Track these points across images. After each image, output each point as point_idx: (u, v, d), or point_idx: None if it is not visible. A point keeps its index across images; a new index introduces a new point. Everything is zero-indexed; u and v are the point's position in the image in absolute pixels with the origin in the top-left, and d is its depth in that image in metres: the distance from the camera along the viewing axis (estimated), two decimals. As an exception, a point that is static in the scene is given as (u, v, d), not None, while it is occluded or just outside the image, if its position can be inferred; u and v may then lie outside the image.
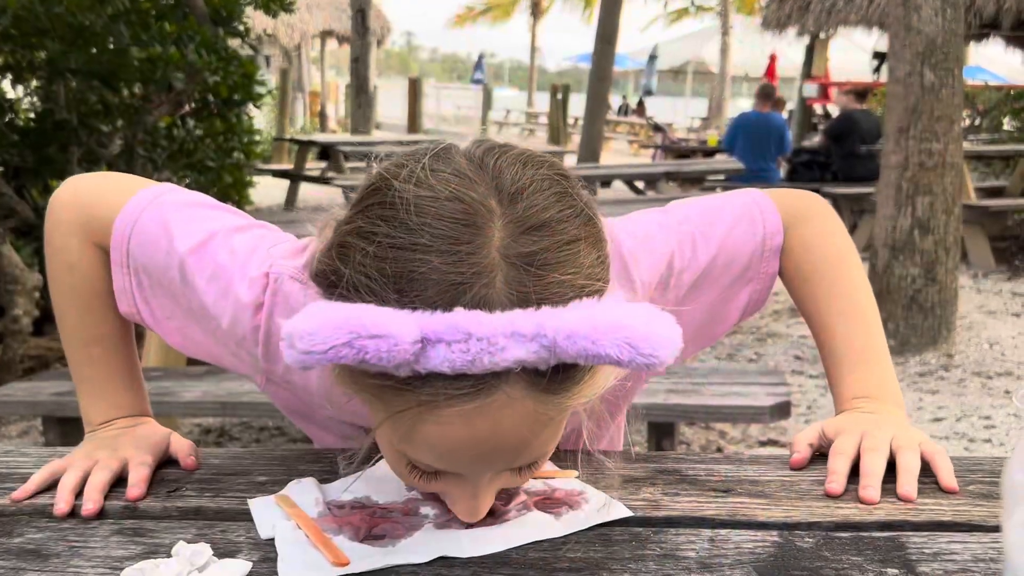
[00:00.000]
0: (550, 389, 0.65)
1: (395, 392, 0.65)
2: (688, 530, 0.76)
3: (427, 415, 0.65)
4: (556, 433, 0.72)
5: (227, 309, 0.89)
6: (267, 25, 10.48)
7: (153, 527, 0.81)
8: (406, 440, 0.69)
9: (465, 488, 0.73)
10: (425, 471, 0.72)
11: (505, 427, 0.66)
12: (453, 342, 0.61)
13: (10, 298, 4.36)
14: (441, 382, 0.63)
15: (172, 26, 5.32)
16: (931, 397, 4.00)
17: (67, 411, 2.68)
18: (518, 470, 0.75)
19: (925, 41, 4.43)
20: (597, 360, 0.62)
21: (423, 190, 0.66)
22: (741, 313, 1.02)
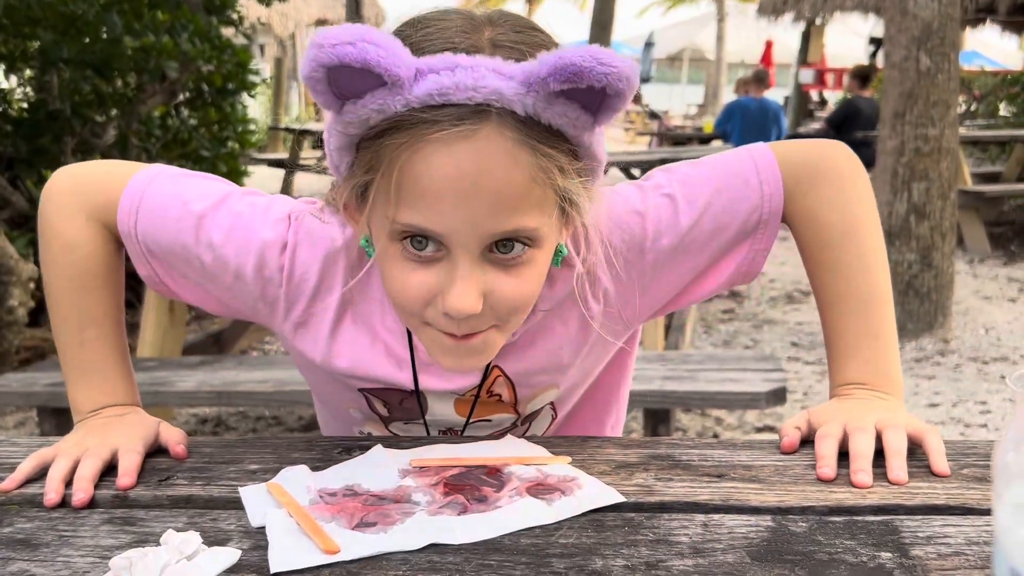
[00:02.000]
0: (528, 143, 0.74)
1: (397, 131, 0.74)
2: (681, 515, 0.76)
3: (418, 148, 0.73)
4: (541, 212, 0.78)
5: (250, 258, 0.92)
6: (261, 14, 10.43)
7: (144, 516, 0.81)
8: (398, 196, 0.75)
9: (452, 269, 0.77)
10: (418, 257, 0.78)
11: (486, 165, 0.73)
12: (442, 70, 0.72)
13: (5, 289, 4.35)
14: (432, 116, 0.73)
15: (165, 15, 5.30)
16: (927, 383, 4.00)
17: (62, 402, 2.68)
18: (503, 262, 0.79)
19: (921, 26, 4.41)
20: (567, 75, 0.70)
21: (438, 14, 0.81)
22: (731, 276, 0.98)
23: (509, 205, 0.75)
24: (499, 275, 0.79)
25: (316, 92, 0.75)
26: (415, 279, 0.79)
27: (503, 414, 1.01)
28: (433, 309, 0.80)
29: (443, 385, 0.97)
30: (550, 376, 0.99)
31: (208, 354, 3.79)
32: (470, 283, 0.77)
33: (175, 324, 3.25)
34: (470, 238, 0.76)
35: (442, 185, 0.74)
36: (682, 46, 23.03)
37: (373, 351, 0.96)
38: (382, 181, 0.76)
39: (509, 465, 0.86)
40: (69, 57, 5.01)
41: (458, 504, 0.79)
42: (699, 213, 0.93)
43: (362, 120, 0.75)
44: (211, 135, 5.89)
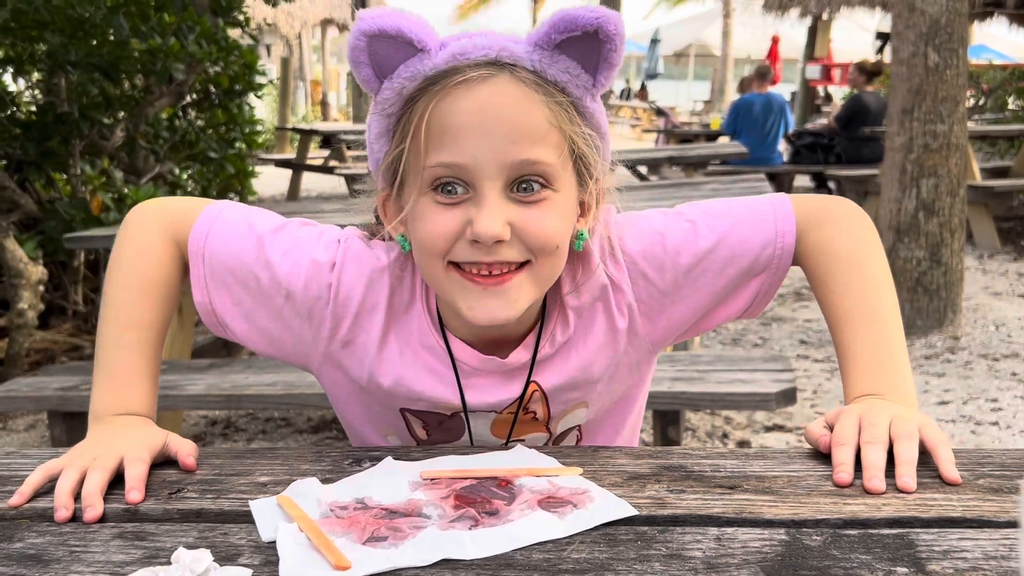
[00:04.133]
0: (539, 86, 0.86)
1: (430, 86, 0.86)
2: (694, 529, 0.75)
3: (446, 95, 0.85)
4: (554, 151, 0.87)
5: (300, 275, 0.99)
6: (267, 14, 10.43)
7: (154, 530, 0.80)
8: (429, 143, 0.85)
9: (479, 202, 0.86)
10: (449, 199, 0.87)
11: (503, 100, 0.85)
12: (462, 38, 0.87)
13: (15, 292, 4.36)
14: (457, 71, 0.85)
15: (172, 17, 5.30)
16: (937, 380, 3.98)
17: (72, 406, 2.68)
18: (524, 199, 0.87)
19: (929, 21, 4.39)
20: (565, 25, 0.84)
21: None
22: (747, 304, 1.04)
23: (526, 136, 0.86)
24: (522, 209, 0.87)
25: (358, 65, 0.87)
26: (444, 217, 0.87)
27: (536, 433, 1.06)
28: (461, 243, 0.87)
29: (483, 399, 1.00)
30: (581, 392, 1.03)
31: (217, 357, 3.80)
32: (496, 209, 0.86)
33: (184, 327, 3.25)
34: (491, 167, 0.85)
35: (466, 120, 0.85)
36: (688, 42, 22.96)
37: (415, 368, 1.01)
38: (413, 142, 0.86)
39: (520, 477, 0.86)
40: (77, 60, 5.02)
41: (469, 518, 0.78)
42: (717, 240, 1.00)
43: (396, 92, 0.88)
44: (218, 136, 5.89)
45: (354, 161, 9.98)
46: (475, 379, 1.00)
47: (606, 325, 1.01)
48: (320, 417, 3.75)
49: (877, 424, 0.85)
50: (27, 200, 4.98)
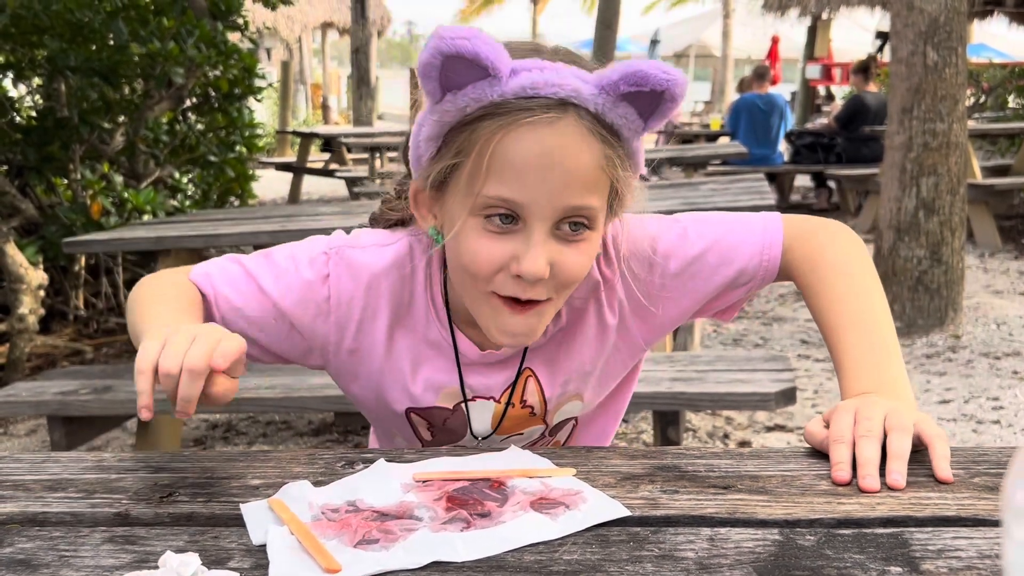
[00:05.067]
0: (598, 133, 0.90)
1: (490, 117, 0.88)
2: (687, 529, 0.75)
3: (509, 131, 0.88)
4: (600, 196, 0.93)
5: (295, 295, 1.04)
6: (267, 18, 10.45)
7: (145, 534, 0.80)
8: (487, 170, 0.89)
9: (526, 240, 0.90)
10: (498, 229, 0.91)
11: (565, 146, 0.88)
12: (533, 69, 0.88)
13: (16, 297, 4.36)
14: (523, 104, 0.87)
15: (171, 21, 5.30)
16: (938, 379, 3.97)
17: (72, 410, 2.68)
18: (567, 237, 0.92)
19: (927, 20, 4.39)
20: (635, 79, 0.86)
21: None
22: (725, 307, 1.11)
23: (580, 183, 0.90)
24: (563, 248, 0.92)
25: (427, 79, 0.88)
26: (492, 247, 0.91)
27: (534, 427, 1.11)
28: (503, 275, 0.92)
29: (481, 382, 1.06)
30: (575, 384, 1.09)
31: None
32: (542, 250, 0.90)
33: (183, 331, 3.25)
34: (546, 209, 0.90)
35: (528, 161, 0.88)
36: (688, 43, 22.95)
37: (419, 360, 1.06)
38: (474, 160, 0.89)
39: (513, 478, 0.86)
40: (76, 65, 5.02)
41: (461, 520, 0.78)
42: (706, 246, 1.05)
43: (459, 109, 0.89)
44: (218, 140, 5.89)
45: (355, 164, 9.99)
46: (474, 367, 1.07)
47: (596, 320, 1.06)
48: (320, 420, 3.75)
49: (872, 418, 0.84)
50: (27, 205, 4.98)
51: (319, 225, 2.99)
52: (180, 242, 3.04)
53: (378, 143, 7.68)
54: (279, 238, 3.09)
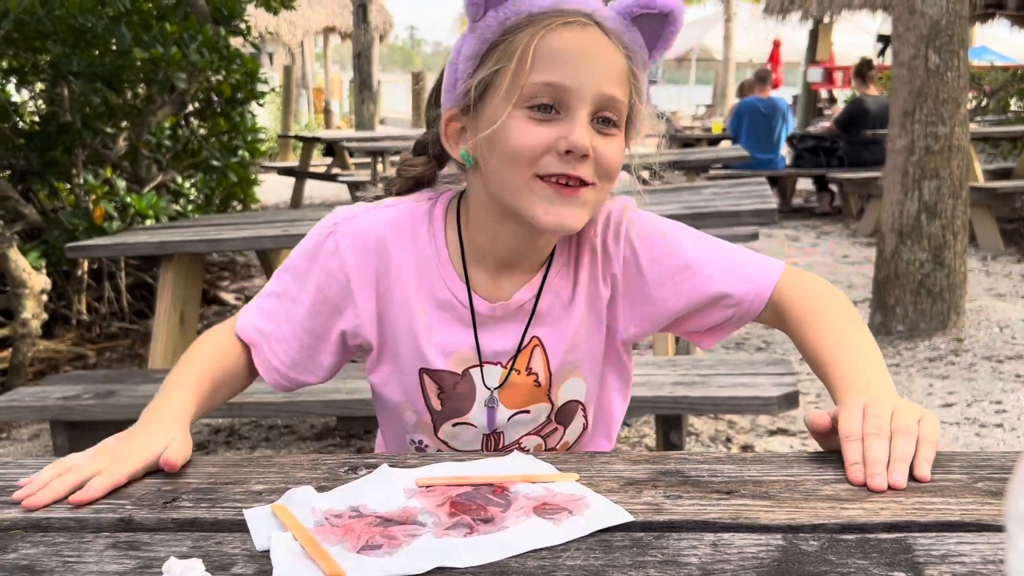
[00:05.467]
0: (621, 47, 1.03)
1: (530, 24, 1.00)
2: (690, 535, 0.75)
3: (549, 31, 0.99)
4: (625, 95, 1.03)
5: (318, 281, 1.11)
6: (269, 23, 10.45)
7: (148, 540, 0.80)
8: (532, 63, 0.98)
9: (570, 121, 0.99)
10: (543, 117, 0.99)
11: (595, 47, 1.01)
12: None
13: (19, 302, 4.36)
14: (557, 13, 1.00)
15: (174, 26, 5.31)
16: (941, 382, 3.97)
17: (74, 415, 2.68)
18: (600, 130, 1.01)
19: (929, 24, 4.38)
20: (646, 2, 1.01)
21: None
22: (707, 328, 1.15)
23: (613, 75, 1.01)
24: (599, 137, 1.01)
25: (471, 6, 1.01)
26: (539, 131, 1.00)
27: (540, 403, 1.14)
28: (550, 155, 1.00)
29: (491, 346, 1.11)
30: (573, 355, 1.13)
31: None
32: (587, 128, 1.00)
33: (186, 334, 3.25)
34: (586, 94, 0.99)
35: (570, 50, 0.99)
36: (689, 46, 22.94)
37: (434, 322, 1.11)
38: (519, 59, 0.99)
39: (516, 484, 0.86)
40: (79, 70, 5.03)
41: (464, 525, 0.78)
42: (709, 257, 1.11)
43: (500, 21, 1.01)
44: (221, 144, 5.90)
45: (357, 168, 9.99)
46: (484, 327, 1.11)
47: (590, 290, 1.13)
48: (323, 424, 3.75)
49: (880, 415, 0.86)
50: (30, 210, 4.99)
51: (321, 230, 2.99)
52: (183, 247, 3.04)
53: (380, 147, 7.68)
54: (281, 243, 3.10)
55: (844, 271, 6.31)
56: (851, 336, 1.03)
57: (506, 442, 1.16)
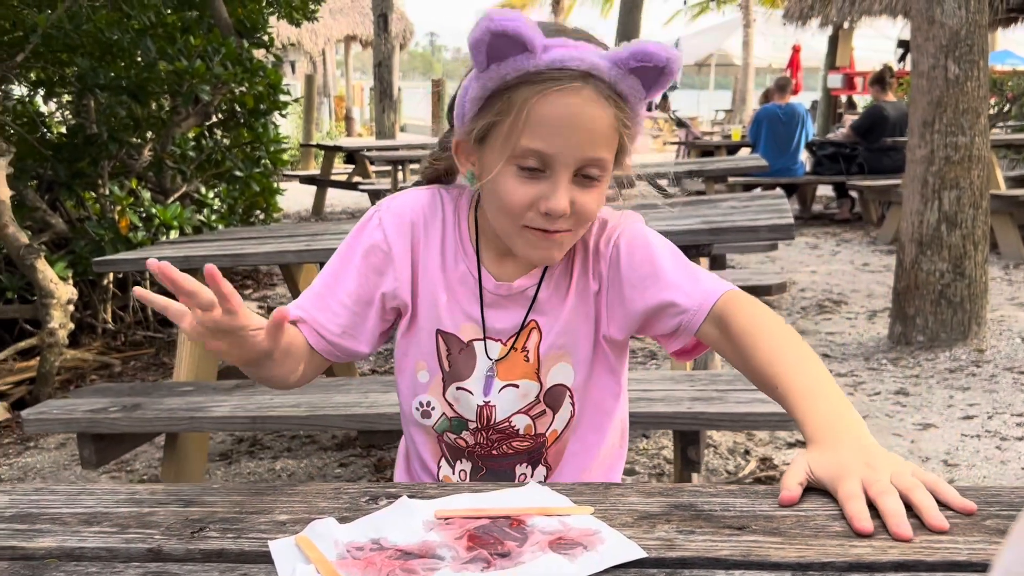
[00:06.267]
0: (612, 99, 1.09)
1: (525, 85, 1.07)
2: (702, 572, 0.77)
3: (541, 97, 1.07)
4: (611, 150, 1.13)
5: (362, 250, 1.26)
6: (292, 33, 10.55)
7: (177, 570, 0.83)
8: (522, 128, 1.08)
9: (552, 184, 1.11)
10: (529, 176, 1.11)
11: (585, 111, 1.08)
12: (562, 47, 1.07)
13: (46, 312, 4.44)
14: (552, 75, 1.07)
15: (198, 39, 5.38)
16: (962, 394, 3.95)
17: (101, 428, 2.73)
18: (583, 183, 1.12)
19: (948, 34, 4.38)
20: (643, 57, 1.06)
21: None
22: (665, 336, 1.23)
23: (596, 139, 1.10)
24: (580, 191, 1.13)
25: (477, 52, 1.07)
26: (525, 189, 1.12)
27: (529, 380, 1.27)
28: (533, 211, 1.13)
29: (493, 324, 1.25)
30: (563, 340, 1.26)
31: (243, 377, 3.84)
32: (565, 192, 1.11)
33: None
34: (569, 160, 1.10)
35: (558, 120, 1.08)
36: (709, 52, 22.89)
37: (452, 291, 1.26)
38: (513, 119, 1.08)
39: (532, 517, 0.88)
40: (105, 83, 5.11)
41: (482, 560, 0.80)
42: (667, 271, 1.21)
43: (501, 76, 1.08)
44: (244, 155, 5.97)
45: (377, 176, 10.06)
46: (490, 305, 1.25)
47: (581, 283, 1.26)
48: (344, 435, 3.79)
49: (881, 480, 0.86)
50: (57, 220, 5.07)
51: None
52: (207, 261, 3.08)
53: (399, 157, 7.73)
54: (303, 257, 3.14)
55: (863, 279, 6.29)
56: (807, 364, 1.06)
57: (498, 417, 1.28)
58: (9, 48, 4.90)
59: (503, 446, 1.30)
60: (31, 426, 2.78)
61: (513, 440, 1.30)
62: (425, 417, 1.31)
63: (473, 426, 1.29)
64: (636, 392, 2.50)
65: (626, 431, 1.41)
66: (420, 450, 1.35)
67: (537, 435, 1.30)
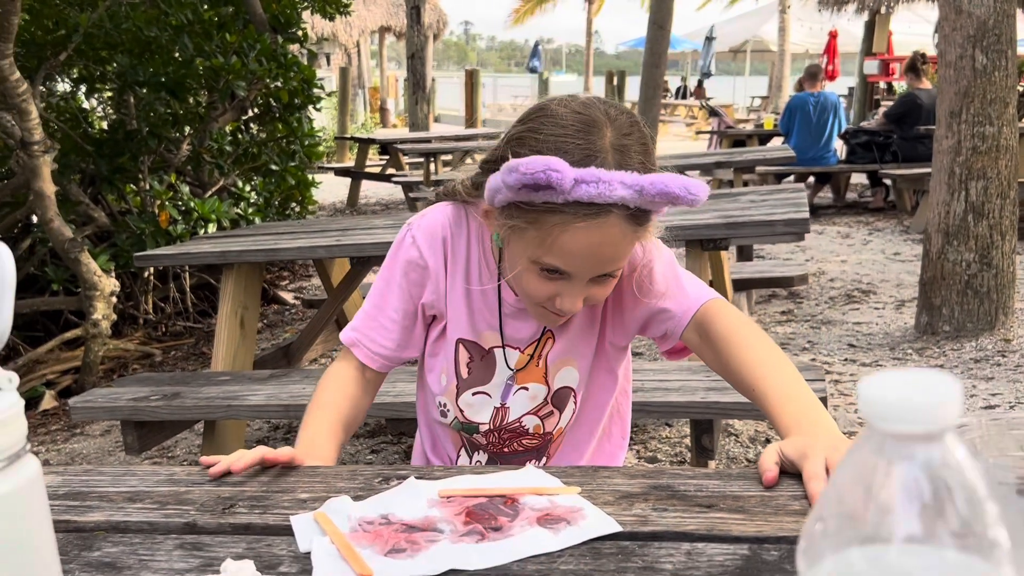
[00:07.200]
0: (635, 221, 1.13)
1: (551, 213, 1.11)
2: (669, 544, 0.86)
3: (566, 228, 1.12)
4: (627, 257, 1.21)
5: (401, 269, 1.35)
6: (326, 26, 10.70)
7: (210, 542, 0.94)
8: (547, 248, 1.15)
9: (570, 288, 1.19)
10: (549, 276, 1.19)
11: (608, 240, 1.14)
12: (591, 182, 1.08)
13: (90, 303, 4.61)
14: (578, 208, 1.10)
15: (233, 36, 5.52)
16: (985, 384, 3.98)
17: (143, 415, 2.87)
18: (599, 281, 1.20)
19: (976, 24, 4.38)
20: (666, 197, 1.09)
21: (564, 109, 1.16)
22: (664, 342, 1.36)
23: (617, 257, 1.19)
24: (595, 287, 1.21)
25: (507, 188, 1.10)
26: (545, 286, 1.20)
27: (537, 383, 1.37)
28: (550, 302, 1.22)
29: (512, 335, 1.35)
30: (570, 346, 1.36)
31: (278, 367, 3.98)
32: (579, 294, 1.20)
33: (246, 338, 3.43)
34: (586, 276, 1.19)
35: (579, 252, 1.15)
36: (744, 38, 22.74)
37: (474, 303, 1.35)
38: (536, 235, 1.15)
39: (525, 495, 0.98)
40: (144, 79, 5.27)
41: (476, 533, 0.90)
42: (661, 279, 1.29)
43: (530, 200, 1.11)
44: (279, 149, 6.11)
45: (411, 168, 10.19)
46: (508, 316, 1.35)
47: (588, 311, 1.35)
48: (375, 422, 3.91)
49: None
50: (100, 214, 5.24)
51: (373, 239, 3.13)
52: (243, 256, 3.22)
53: (432, 149, 7.83)
54: (334, 252, 3.26)
55: (894, 269, 6.29)
56: (781, 369, 1.16)
57: (511, 417, 1.39)
58: (53, 47, 5.07)
59: (514, 444, 1.42)
60: (77, 413, 2.93)
61: (523, 438, 1.41)
62: (443, 416, 1.43)
63: (485, 428, 1.41)
64: (653, 382, 2.59)
65: (627, 424, 1.51)
66: (443, 440, 1.46)
67: (545, 434, 1.41)
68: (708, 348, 1.26)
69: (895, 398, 0.42)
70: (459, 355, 1.37)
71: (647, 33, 9.78)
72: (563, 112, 1.15)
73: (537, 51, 27.89)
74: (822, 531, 0.43)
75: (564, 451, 1.44)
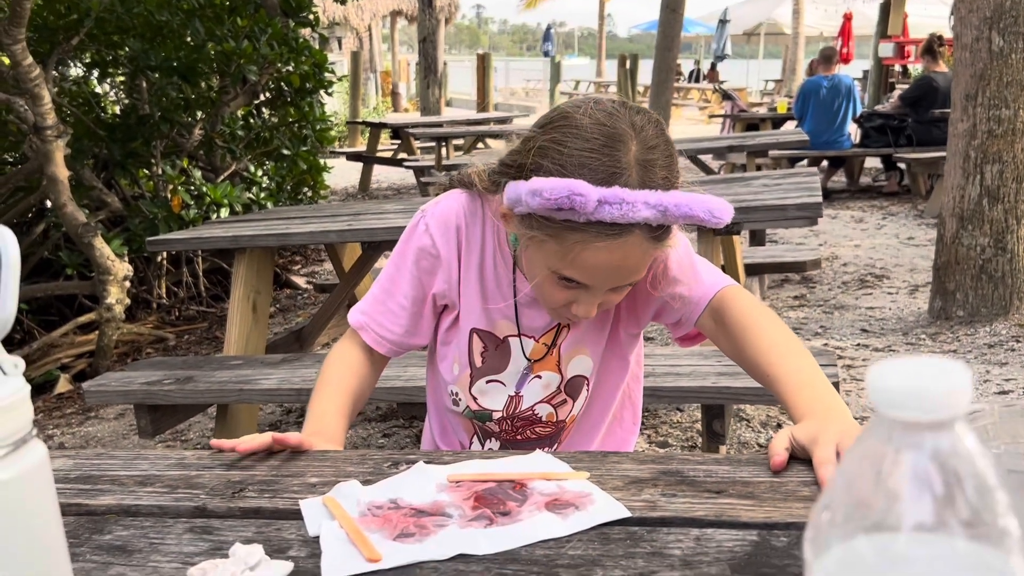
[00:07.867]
0: (656, 238, 1.12)
1: (572, 231, 1.10)
2: (678, 530, 0.86)
3: (587, 246, 1.11)
4: (645, 268, 1.20)
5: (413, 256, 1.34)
6: (338, 10, 10.68)
7: (219, 525, 0.94)
8: (567, 263, 1.14)
9: (587, 296, 1.19)
10: (566, 284, 1.18)
11: (629, 257, 1.13)
12: (614, 203, 1.06)
13: (104, 288, 4.63)
14: (600, 227, 1.08)
15: (245, 20, 5.51)
16: (999, 369, 3.96)
17: (156, 399, 2.89)
18: (617, 289, 1.21)
19: (993, 5, 4.33)
20: (690, 219, 1.08)
21: (589, 120, 1.12)
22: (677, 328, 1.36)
23: (636, 271, 1.18)
24: (611, 295, 1.22)
25: (529, 206, 1.09)
26: (561, 293, 1.20)
27: (550, 371, 1.37)
28: (565, 307, 1.22)
29: (528, 324, 1.35)
30: (584, 336, 1.36)
31: (290, 351, 4.00)
32: (595, 304, 1.21)
33: (258, 323, 3.44)
34: (604, 288, 1.19)
35: (599, 267, 1.14)
36: (758, 21, 22.56)
37: (488, 293, 1.34)
38: (557, 249, 1.14)
39: (533, 480, 0.98)
40: (156, 64, 5.27)
41: (485, 518, 0.90)
42: (675, 266, 1.28)
43: (551, 215, 1.10)
44: (291, 134, 6.11)
45: (422, 153, 10.17)
46: (523, 305, 1.34)
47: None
48: (388, 406, 3.92)
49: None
50: (113, 198, 5.26)
51: (385, 224, 3.13)
52: (255, 241, 3.22)
53: (443, 133, 7.82)
54: (345, 236, 3.26)
55: (907, 253, 6.26)
56: (796, 356, 1.15)
57: (524, 406, 1.39)
58: (65, 31, 5.08)
59: (527, 431, 1.42)
60: (91, 397, 2.95)
61: (536, 426, 1.41)
62: (455, 404, 1.43)
63: (498, 415, 1.40)
64: (665, 367, 2.59)
65: (638, 409, 1.51)
66: (455, 428, 1.46)
67: (558, 422, 1.41)
68: (723, 334, 1.26)
69: (903, 386, 0.42)
70: (473, 344, 1.36)
71: (660, 16, 9.73)
72: (587, 124, 1.11)
73: (549, 34, 27.77)
74: (829, 520, 0.43)
75: (575, 437, 1.44)
